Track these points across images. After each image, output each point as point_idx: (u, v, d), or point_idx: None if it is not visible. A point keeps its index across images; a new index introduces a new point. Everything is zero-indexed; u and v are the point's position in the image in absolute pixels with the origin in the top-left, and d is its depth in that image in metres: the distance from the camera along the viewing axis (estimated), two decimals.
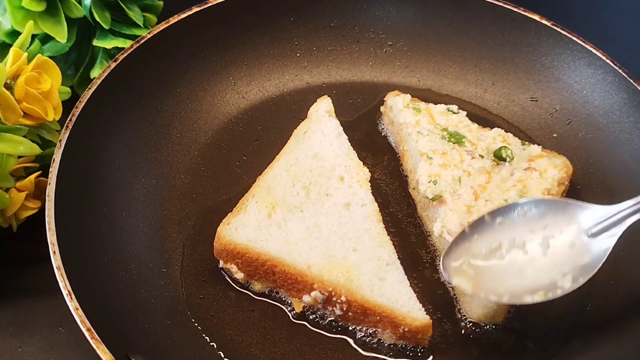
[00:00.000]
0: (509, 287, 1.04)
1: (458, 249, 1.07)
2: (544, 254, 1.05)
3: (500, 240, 1.07)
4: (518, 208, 1.08)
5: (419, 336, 1.07)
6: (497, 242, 1.07)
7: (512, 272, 1.05)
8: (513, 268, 1.05)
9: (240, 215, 1.18)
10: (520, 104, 1.43)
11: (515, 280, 1.04)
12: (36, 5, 1.27)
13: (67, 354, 1.11)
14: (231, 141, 1.36)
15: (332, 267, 1.11)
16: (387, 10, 1.49)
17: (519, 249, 1.06)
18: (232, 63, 1.43)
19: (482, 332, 1.11)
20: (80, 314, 0.94)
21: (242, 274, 1.14)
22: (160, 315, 1.09)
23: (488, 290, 1.04)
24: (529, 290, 1.03)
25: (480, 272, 1.05)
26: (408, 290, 1.09)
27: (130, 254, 1.14)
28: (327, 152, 1.27)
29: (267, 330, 1.10)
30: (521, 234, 1.06)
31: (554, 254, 1.05)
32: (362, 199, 1.21)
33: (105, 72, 1.24)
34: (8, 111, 1.10)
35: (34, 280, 1.19)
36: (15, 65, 1.12)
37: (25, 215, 1.18)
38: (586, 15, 1.81)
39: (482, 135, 1.30)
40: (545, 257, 1.05)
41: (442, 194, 1.18)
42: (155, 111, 1.32)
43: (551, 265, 1.04)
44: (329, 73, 1.49)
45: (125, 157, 1.24)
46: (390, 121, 1.40)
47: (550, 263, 1.04)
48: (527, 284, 1.03)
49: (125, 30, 1.39)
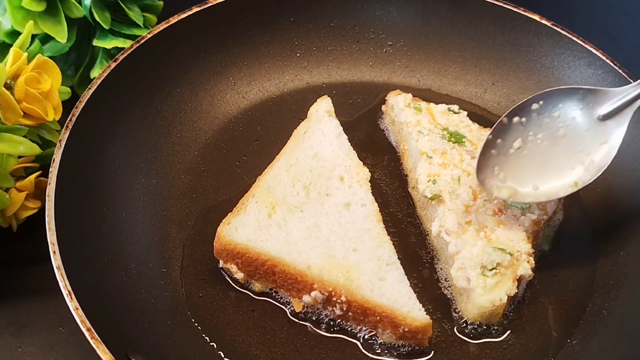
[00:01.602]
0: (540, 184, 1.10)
1: (486, 159, 1.12)
2: (563, 142, 1.10)
3: (522, 138, 1.12)
4: (531, 103, 1.12)
5: (419, 336, 1.07)
6: (518, 140, 1.12)
7: (539, 166, 1.10)
8: (538, 162, 1.11)
9: (240, 215, 1.18)
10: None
11: (544, 175, 1.10)
12: (36, 5, 1.27)
13: (67, 354, 1.11)
14: (231, 141, 1.36)
15: (332, 267, 1.11)
16: (387, 10, 1.49)
17: (540, 141, 1.11)
18: (232, 63, 1.43)
19: (482, 332, 1.11)
20: (80, 314, 0.94)
21: (242, 274, 1.14)
22: (160, 315, 1.09)
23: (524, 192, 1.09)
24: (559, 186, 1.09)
25: (510, 174, 1.11)
26: (408, 290, 1.09)
27: (130, 254, 1.14)
28: (327, 152, 1.27)
29: (267, 330, 1.10)
30: (538, 127, 1.11)
31: (571, 140, 1.10)
32: (362, 199, 1.21)
33: (105, 72, 1.24)
34: (8, 111, 1.10)
35: (34, 280, 1.19)
36: (15, 65, 1.12)
37: (25, 215, 1.18)
38: (586, 15, 1.81)
39: (482, 135, 1.30)
40: (565, 145, 1.10)
41: (441, 193, 1.19)
42: (155, 111, 1.32)
43: (572, 151, 1.10)
44: (329, 73, 1.49)
45: (125, 157, 1.24)
46: (391, 120, 1.40)
47: (571, 149, 1.10)
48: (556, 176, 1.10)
49: (125, 30, 1.39)
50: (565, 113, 1.11)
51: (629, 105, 1.08)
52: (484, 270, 1.09)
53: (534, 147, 1.12)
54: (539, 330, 1.12)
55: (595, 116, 1.09)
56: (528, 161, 1.11)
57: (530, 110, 1.12)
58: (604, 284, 1.17)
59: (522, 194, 1.10)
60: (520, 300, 1.15)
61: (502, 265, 1.10)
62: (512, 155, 1.12)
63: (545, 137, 1.11)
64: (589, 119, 1.10)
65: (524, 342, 1.11)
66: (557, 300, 1.16)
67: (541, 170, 1.11)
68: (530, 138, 1.12)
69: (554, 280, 1.18)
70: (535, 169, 1.11)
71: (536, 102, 1.12)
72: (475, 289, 1.08)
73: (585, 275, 1.19)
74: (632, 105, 1.08)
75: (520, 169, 1.11)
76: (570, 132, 1.11)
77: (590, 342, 1.09)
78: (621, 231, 1.22)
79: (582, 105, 1.11)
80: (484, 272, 1.09)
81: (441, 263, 1.19)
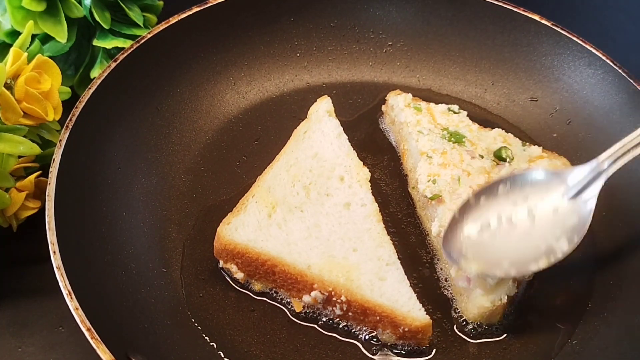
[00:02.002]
0: (510, 261, 1.07)
1: (454, 235, 1.10)
2: (532, 224, 1.09)
3: (489, 218, 1.10)
4: (499, 185, 1.12)
5: (419, 336, 1.07)
6: (486, 220, 1.10)
7: (509, 246, 1.09)
8: (508, 242, 1.09)
9: (240, 215, 1.18)
10: (520, 104, 1.43)
11: (514, 253, 1.08)
12: (36, 5, 1.27)
13: (67, 354, 1.11)
14: (231, 141, 1.36)
15: (332, 267, 1.11)
16: (387, 10, 1.49)
17: (507, 223, 1.09)
18: (232, 63, 1.43)
19: (482, 332, 1.11)
20: (80, 314, 0.94)
21: (242, 274, 1.14)
22: (160, 315, 1.09)
23: (493, 267, 1.07)
24: (531, 260, 1.07)
25: (478, 252, 1.08)
26: (408, 290, 1.09)
27: (130, 254, 1.14)
28: (327, 152, 1.28)
29: (267, 330, 1.10)
30: (506, 209, 1.10)
31: (541, 221, 1.09)
32: (362, 199, 1.21)
33: (105, 72, 1.24)
34: (8, 111, 1.10)
35: (34, 280, 1.19)
36: (15, 65, 1.12)
37: (25, 215, 1.18)
38: (586, 15, 1.81)
39: (482, 135, 1.30)
40: (535, 226, 1.09)
41: (441, 193, 1.19)
42: (155, 111, 1.32)
43: (543, 232, 1.08)
44: (329, 73, 1.49)
45: (125, 157, 1.24)
46: (391, 120, 1.40)
47: (541, 230, 1.09)
48: (526, 255, 1.07)
49: (125, 30, 1.39)
50: (533, 195, 1.11)
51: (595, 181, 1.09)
52: None
53: (501, 227, 1.10)
54: (538, 330, 1.12)
55: (562, 196, 1.10)
56: (496, 240, 1.09)
57: (498, 192, 1.12)
58: (604, 284, 1.17)
59: (492, 270, 1.07)
60: (520, 300, 1.15)
61: None
62: (479, 235, 1.10)
63: (513, 219, 1.10)
64: (557, 200, 1.10)
65: (524, 342, 1.11)
66: (557, 300, 1.16)
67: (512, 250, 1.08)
68: (498, 218, 1.10)
69: (554, 280, 1.18)
70: (504, 247, 1.09)
71: (503, 184, 1.12)
72: (475, 289, 1.08)
73: (585, 276, 1.19)
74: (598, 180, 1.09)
75: (488, 247, 1.09)
76: (538, 214, 1.10)
77: (590, 342, 1.09)
78: (621, 231, 1.22)
79: (549, 186, 1.11)
80: None
81: (441, 263, 1.19)
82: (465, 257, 1.08)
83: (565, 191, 1.10)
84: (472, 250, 1.08)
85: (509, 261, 1.07)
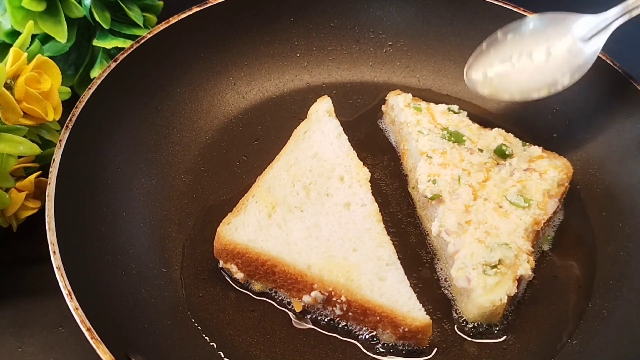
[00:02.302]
0: (519, 88, 1.27)
1: (477, 63, 1.31)
2: (547, 60, 1.27)
3: (512, 52, 1.29)
4: (525, 23, 1.30)
5: (419, 336, 1.07)
6: (509, 54, 1.29)
7: (522, 77, 1.28)
8: (522, 73, 1.28)
9: (240, 215, 1.18)
10: (520, 104, 1.43)
11: (524, 82, 1.27)
12: (36, 5, 1.27)
13: (67, 354, 1.11)
14: (231, 141, 1.36)
15: (332, 267, 1.11)
16: (387, 10, 1.49)
17: (527, 57, 1.28)
18: (232, 63, 1.43)
19: (482, 332, 1.11)
20: (80, 314, 0.94)
21: (242, 274, 1.14)
22: (160, 315, 1.09)
23: (502, 91, 1.28)
24: (535, 88, 1.26)
25: (495, 79, 1.29)
26: (408, 290, 1.09)
27: (130, 254, 1.14)
28: (327, 152, 1.27)
29: (267, 330, 1.10)
30: (528, 46, 1.29)
31: (554, 59, 1.27)
32: (362, 199, 1.21)
33: (105, 72, 1.24)
34: (8, 111, 1.10)
35: (34, 280, 1.19)
36: (15, 65, 1.12)
37: (25, 215, 1.18)
38: None
39: (482, 135, 1.30)
40: (548, 62, 1.27)
41: (441, 193, 1.19)
42: (155, 111, 1.32)
43: (553, 68, 1.26)
44: (329, 73, 1.49)
45: (125, 157, 1.24)
46: (391, 120, 1.40)
47: (552, 66, 1.26)
48: (533, 84, 1.26)
49: (125, 30, 1.39)
50: (553, 36, 1.27)
51: (606, 29, 1.23)
52: (485, 268, 1.09)
53: (521, 61, 1.28)
54: (539, 330, 1.12)
55: (576, 39, 1.25)
56: (513, 71, 1.28)
57: (523, 30, 1.29)
58: (604, 284, 1.17)
59: (501, 94, 1.28)
60: (520, 300, 1.15)
61: (505, 262, 1.10)
62: (499, 65, 1.29)
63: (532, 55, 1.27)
64: (571, 42, 1.26)
65: (524, 342, 1.11)
66: (557, 300, 1.16)
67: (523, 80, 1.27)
68: (519, 54, 1.28)
69: (554, 280, 1.18)
70: (517, 77, 1.27)
71: (528, 23, 1.29)
72: (476, 289, 1.08)
73: (585, 275, 1.19)
74: (608, 28, 1.23)
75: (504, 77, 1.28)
76: (554, 52, 1.26)
77: (590, 342, 1.09)
78: (621, 231, 1.22)
79: (568, 30, 1.26)
80: (485, 270, 1.09)
81: (441, 263, 1.19)
82: (482, 83, 1.29)
83: (580, 35, 1.25)
84: (490, 77, 1.29)
85: (517, 88, 1.27)
